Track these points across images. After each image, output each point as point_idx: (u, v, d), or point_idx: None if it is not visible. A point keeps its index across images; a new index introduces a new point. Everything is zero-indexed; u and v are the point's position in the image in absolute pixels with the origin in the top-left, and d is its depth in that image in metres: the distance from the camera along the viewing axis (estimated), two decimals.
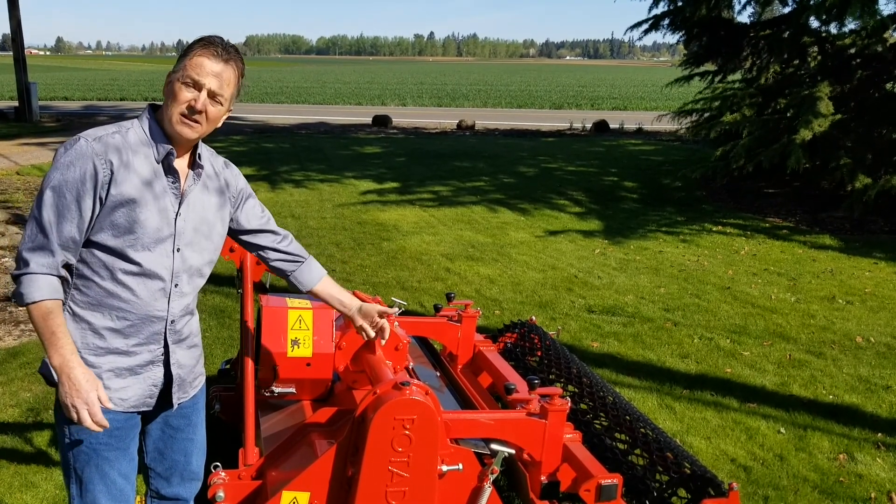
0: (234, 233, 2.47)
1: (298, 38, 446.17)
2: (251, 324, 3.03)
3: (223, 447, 3.33)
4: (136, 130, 2.11)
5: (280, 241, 2.51)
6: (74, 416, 2.00)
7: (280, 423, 3.03)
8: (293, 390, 3.02)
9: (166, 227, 2.11)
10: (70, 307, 2.10)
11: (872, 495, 3.64)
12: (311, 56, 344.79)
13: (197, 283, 2.27)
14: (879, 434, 4.26)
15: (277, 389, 2.99)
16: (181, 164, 2.17)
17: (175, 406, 2.30)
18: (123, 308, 2.10)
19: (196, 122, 2.08)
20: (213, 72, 2.07)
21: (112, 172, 2.01)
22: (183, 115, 2.06)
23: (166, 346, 2.21)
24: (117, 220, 2.04)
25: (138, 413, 2.25)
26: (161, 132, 2.11)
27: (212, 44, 2.09)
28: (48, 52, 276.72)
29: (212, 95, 2.08)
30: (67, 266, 2.08)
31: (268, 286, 3.43)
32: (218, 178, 2.30)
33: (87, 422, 2.00)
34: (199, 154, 2.20)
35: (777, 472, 3.83)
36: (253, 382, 2.91)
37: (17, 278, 2.02)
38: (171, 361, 2.23)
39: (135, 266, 2.08)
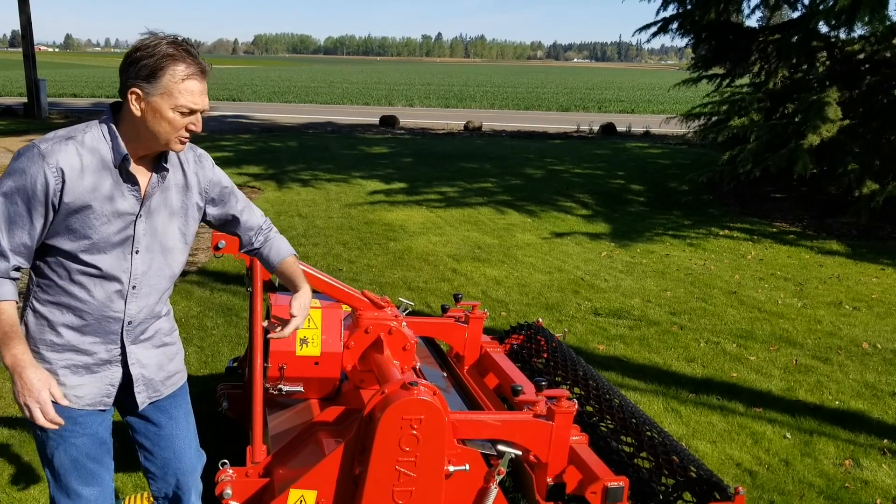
0: (212, 225, 2.47)
1: (306, 37, 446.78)
2: (260, 322, 3.04)
3: (231, 445, 3.35)
4: (94, 134, 2.08)
5: (257, 234, 2.49)
6: (28, 414, 2.03)
7: (288, 422, 3.04)
8: (301, 389, 3.03)
9: (124, 231, 2.11)
10: (32, 303, 2.14)
11: (878, 501, 3.64)
12: (318, 56, 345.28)
13: (162, 285, 2.25)
14: (885, 440, 4.25)
15: (285, 388, 3.00)
16: (146, 165, 2.15)
17: (141, 406, 2.30)
18: (80, 307, 2.12)
19: (189, 138, 2.11)
20: (202, 92, 2.07)
21: (64, 181, 2.00)
22: (183, 137, 2.08)
23: (123, 347, 2.21)
24: (73, 226, 2.05)
25: (99, 410, 2.25)
26: (119, 136, 2.07)
27: (186, 57, 2.02)
28: (57, 49, 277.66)
29: (202, 111, 2.10)
30: (33, 264, 2.12)
31: (277, 285, 3.43)
32: (185, 176, 2.26)
33: (41, 420, 2.02)
34: (165, 157, 2.17)
35: (782, 476, 3.82)
36: (261, 381, 2.92)
37: None
38: (130, 362, 2.23)
39: (92, 268, 2.09)
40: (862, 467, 3.95)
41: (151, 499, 3.09)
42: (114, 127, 2.08)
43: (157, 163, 2.17)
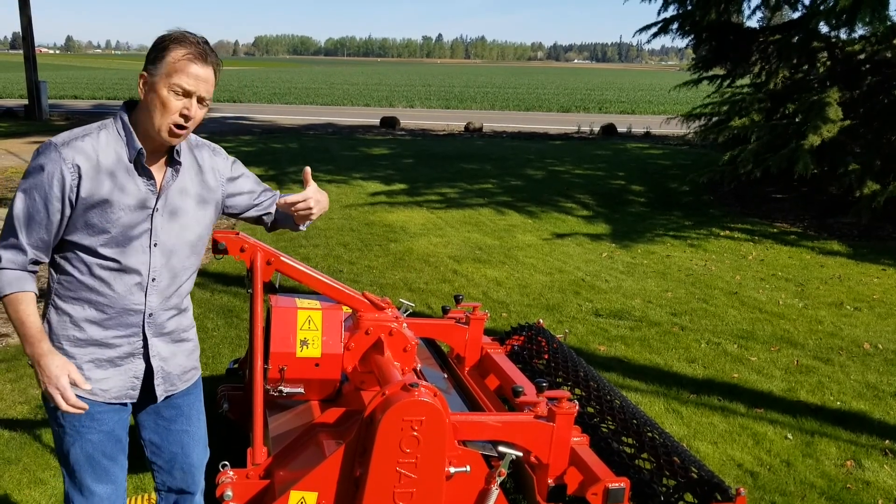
0: (235, 215, 2.51)
1: (307, 38, 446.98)
2: (260, 324, 3.04)
3: (231, 446, 3.35)
4: (110, 130, 2.13)
5: (273, 202, 2.56)
6: (53, 402, 2.09)
7: (288, 423, 3.04)
8: (301, 390, 3.03)
9: (141, 224, 2.15)
10: (53, 300, 2.18)
11: (880, 502, 3.63)
12: (319, 57, 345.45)
13: (181, 278, 2.29)
14: (887, 441, 4.24)
15: (286, 389, 3.00)
16: (158, 160, 2.19)
17: (160, 398, 2.34)
18: (101, 301, 2.16)
19: (185, 128, 2.11)
20: (201, 77, 2.07)
21: (80, 176, 2.05)
22: (175, 125, 2.08)
23: (145, 339, 2.25)
24: (91, 221, 2.09)
25: (122, 405, 2.28)
26: (133, 132, 2.12)
27: (192, 44, 2.07)
28: (58, 51, 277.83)
29: (199, 99, 2.10)
30: (51, 259, 2.17)
31: (277, 286, 3.43)
32: (201, 170, 2.30)
33: (63, 406, 2.08)
34: (176, 151, 2.20)
35: (784, 477, 3.82)
36: (262, 382, 2.92)
37: None
38: (151, 354, 2.27)
39: (111, 262, 2.14)
40: (864, 468, 3.94)
41: (153, 500, 3.09)
42: (128, 122, 2.13)
43: (171, 157, 2.20)
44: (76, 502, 2.30)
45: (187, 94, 2.06)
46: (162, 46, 2.06)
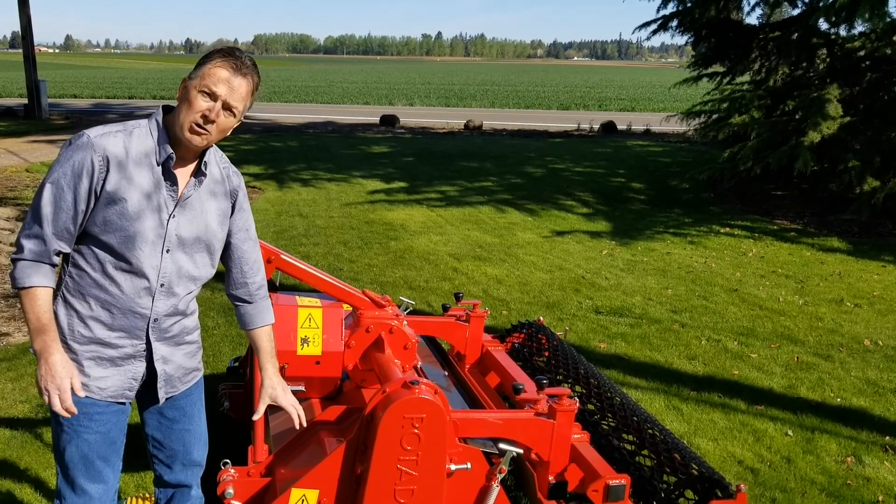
0: None
1: (306, 37, 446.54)
2: None
3: (232, 445, 3.35)
4: (142, 131, 2.15)
5: (251, 280, 2.44)
6: (46, 399, 2.11)
7: (289, 421, 3.03)
8: (302, 388, 3.03)
9: (158, 228, 2.15)
10: (62, 293, 2.18)
11: (880, 498, 3.64)
12: (318, 55, 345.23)
13: (189, 287, 2.29)
14: (887, 437, 4.25)
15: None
16: (185, 168, 2.20)
17: (161, 401, 2.35)
18: (108, 301, 2.16)
19: (206, 131, 2.11)
20: (230, 83, 2.11)
21: (108, 170, 2.07)
22: (196, 123, 2.10)
23: (148, 342, 2.25)
24: (109, 217, 2.10)
25: (120, 403, 2.29)
26: (167, 135, 2.15)
27: (231, 56, 2.13)
28: (57, 50, 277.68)
29: (226, 107, 2.12)
30: (65, 254, 2.17)
31: (278, 284, 3.43)
32: (224, 184, 2.31)
33: (57, 406, 2.10)
34: (205, 162, 2.22)
35: (784, 474, 3.82)
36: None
37: (13, 262, 2.13)
38: (155, 357, 2.27)
39: (123, 262, 2.14)
40: (864, 464, 3.95)
41: (153, 500, 3.10)
42: (162, 125, 2.16)
43: (198, 167, 2.22)
44: (68, 498, 2.32)
45: (214, 97, 2.10)
46: (207, 56, 2.15)
